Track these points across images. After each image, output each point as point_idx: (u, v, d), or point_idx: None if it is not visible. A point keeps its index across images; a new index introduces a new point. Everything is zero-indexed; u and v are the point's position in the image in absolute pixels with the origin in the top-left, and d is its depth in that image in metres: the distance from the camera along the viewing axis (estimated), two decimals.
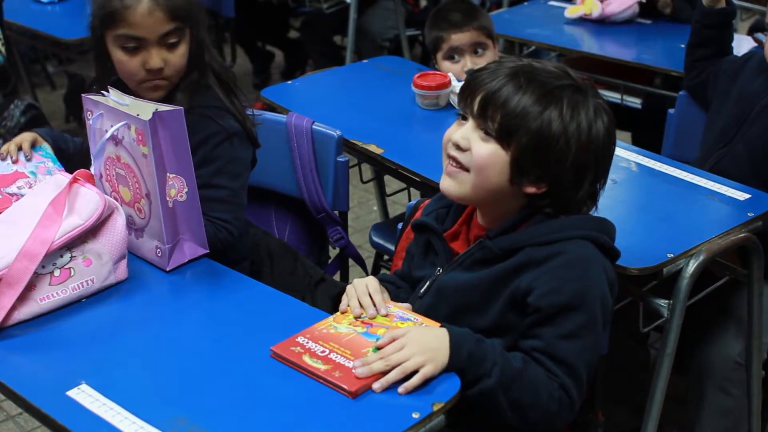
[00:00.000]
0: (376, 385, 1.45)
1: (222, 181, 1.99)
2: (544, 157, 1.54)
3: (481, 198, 1.62)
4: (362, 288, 1.65)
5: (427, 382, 1.46)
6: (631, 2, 3.21)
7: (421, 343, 1.48)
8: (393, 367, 1.45)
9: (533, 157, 1.54)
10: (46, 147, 2.09)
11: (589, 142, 1.55)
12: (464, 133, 1.59)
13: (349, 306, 1.63)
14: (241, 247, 2.16)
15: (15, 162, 2.02)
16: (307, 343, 1.54)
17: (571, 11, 3.28)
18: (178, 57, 1.98)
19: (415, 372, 1.45)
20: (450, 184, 1.62)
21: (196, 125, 1.96)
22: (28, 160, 2.03)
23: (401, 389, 1.45)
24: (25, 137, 2.08)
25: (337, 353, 1.51)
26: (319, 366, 1.48)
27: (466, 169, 1.59)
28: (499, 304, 1.57)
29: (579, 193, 1.59)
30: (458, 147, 1.59)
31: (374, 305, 1.61)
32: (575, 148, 1.54)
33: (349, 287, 1.68)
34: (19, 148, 2.06)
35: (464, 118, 1.61)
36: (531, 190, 1.58)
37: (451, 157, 1.61)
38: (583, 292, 1.53)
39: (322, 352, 1.51)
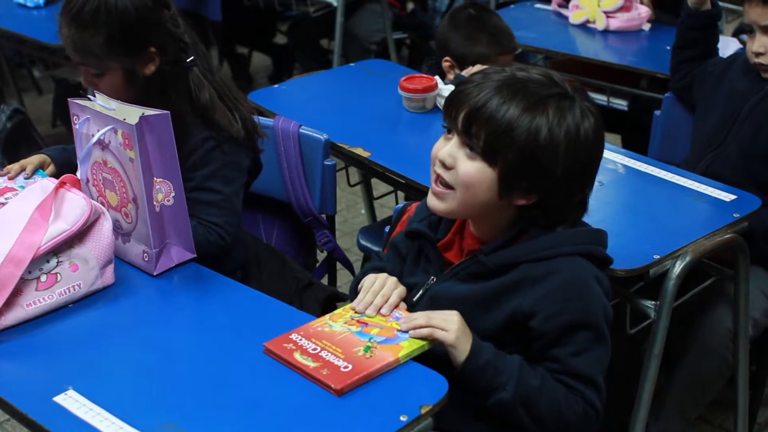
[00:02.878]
0: (404, 325, 1.55)
1: (214, 185, 1.99)
2: (533, 170, 1.52)
3: (471, 213, 1.60)
4: (387, 291, 1.64)
5: (415, 387, 1.46)
6: (639, 21, 3.23)
7: (460, 325, 1.53)
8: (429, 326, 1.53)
9: (522, 172, 1.52)
10: (43, 173, 2.08)
11: (578, 147, 1.53)
12: (450, 150, 1.56)
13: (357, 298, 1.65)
14: (237, 256, 2.15)
15: (10, 179, 2.01)
16: (300, 340, 1.54)
17: (575, 17, 3.30)
18: (104, 85, 1.95)
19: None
20: (436, 203, 1.60)
21: (203, 159, 1.98)
22: (26, 178, 2.02)
23: (412, 332, 1.53)
24: (33, 160, 2.07)
25: (328, 351, 1.51)
26: (309, 363, 1.49)
27: (452, 188, 1.57)
28: (496, 320, 1.57)
29: (571, 200, 1.58)
30: (444, 165, 1.57)
31: (380, 307, 1.63)
32: (564, 155, 1.52)
33: (372, 279, 1.67)
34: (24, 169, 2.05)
35: (450, 132, 1.58)
36: (521, 202, 1.56)
37: (436, 176, 1.59)
38: (585, 309, 1.54)
39: (314, 349, 1.52)
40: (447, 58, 2.67)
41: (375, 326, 1.57)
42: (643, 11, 3.24)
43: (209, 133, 1.99)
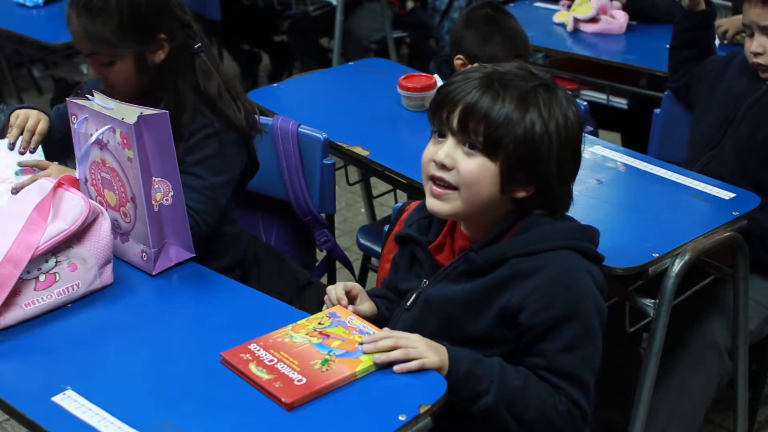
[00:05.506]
0: (380, 357, 1.48)
1: (201, 171, 1.98)
2: (533, 161, 1.54)
3: (475, 211, 1.59)
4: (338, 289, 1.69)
5: (413, 387, 1.46)
6: (618, 26, 3.23)
7: (427, 342, 1.52)
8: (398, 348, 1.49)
9: (522, 163, 1.53)
10: (41, 151, 2.08)
11: (567, 133, 1.55)
12: (448, 150, 1.56)
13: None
14: (235, 253, 2.15)
15: (11, 147, 2.02)
16: (258, 350, 1.52)
17: (558, 16, 3.34)
18: (114, 74, 1.97)
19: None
20: (439, 205, 1.59)
21: (196, 144, 1.98)
22: (32, 152, 2.03)
23: (397, 368, 1.48)
24: (31, 123, 2.05)
25: (285, 363, 1.49)
26: (263, 375, 1.47)
27: (455, 188, 1.56)
28: (488, 317, 1.57)
29: (565, 187, 1.60)
30: (443, 166, 1.56)
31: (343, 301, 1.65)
32: (557, 144, 1.54)
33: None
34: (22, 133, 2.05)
35: (441, 135, 1.58)
36: (521, 194, 1.57)
37: (435, 178, 1.58)
38: (575, 302, 1.53)
39: (270, 361, 1.50)
40: (460, 56, 2.64)
41: (336, 338, 1.54)
42: (620, 16, 3.24)
43: (211, 120, 1.99)
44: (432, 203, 1.60)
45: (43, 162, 2.03)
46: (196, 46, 2.02)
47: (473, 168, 1.54)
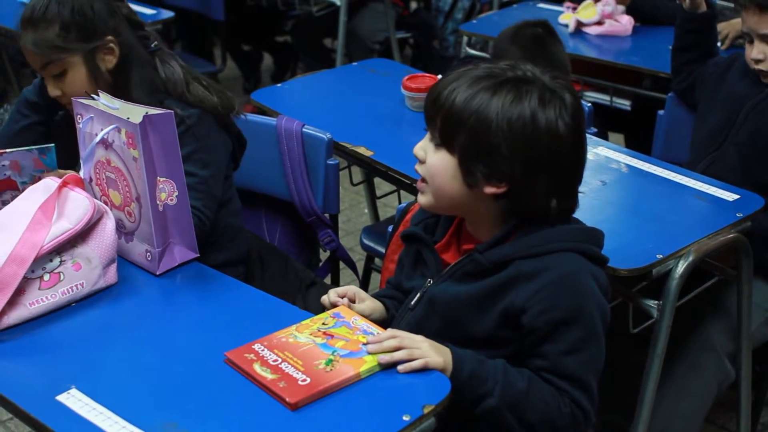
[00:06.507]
0: (384, 358, 1.49)
1: (189, 169, 1.97)
2: (487, 152, 1.51)
3: (448, 205, 1.60)
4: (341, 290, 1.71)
5: (417, 387, 1.47)
6: (624, 30, 3.24)
7: (431, 344, 1.52)
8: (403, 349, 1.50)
9: (475, 154, 1.52)
10: (53, 154, 2.07)
11: (537, 132, 1.50)
12: (422, 144, 1.60)
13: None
14: (237, 247, 2.16)
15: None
16: (262, 350, 1.53)
17: (563, 18, 3.36)
18: (69, 85, 2.00)
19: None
20: (419, 197, 1.63)
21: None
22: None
23: (401, 368, 1.48)
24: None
25: (289, 363, 1.49)
26: (267, 375, 1.47)
27: (426, 181, 1.59)
28: (491, 319, 1.57)
29: (537, 189, 1.54)
30: (418, 159, 1.60)
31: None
32: (521, 139, 1.50)
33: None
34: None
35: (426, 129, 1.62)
36: (490, 190, 1.54)
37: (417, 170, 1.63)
38: (578, 305, 1.53)
39: (274, 361, 1.50)
40: None
41: (340, 339, 1.55)
42: (625, 21, 3.25)
43: (181, 118, 1.98)
44: (418, 195, 1.64)
45: (61, 171, 2.04)
46: (152, 45, 2.04)
47: (433, 161, 1.57)
